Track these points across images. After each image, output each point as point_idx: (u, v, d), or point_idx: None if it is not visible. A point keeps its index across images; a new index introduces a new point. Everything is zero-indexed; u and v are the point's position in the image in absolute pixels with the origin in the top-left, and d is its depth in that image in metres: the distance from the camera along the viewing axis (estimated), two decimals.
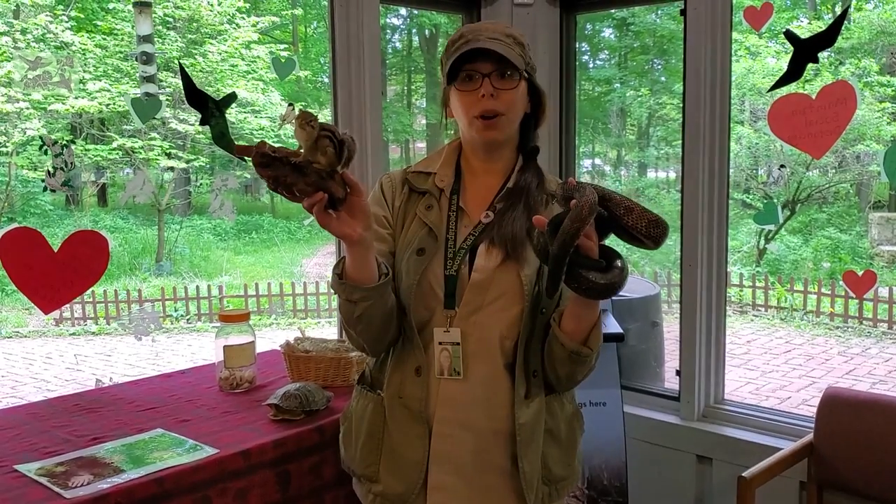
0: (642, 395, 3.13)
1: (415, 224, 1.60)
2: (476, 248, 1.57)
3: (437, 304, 1.55)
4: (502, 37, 1.55)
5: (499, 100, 1.53)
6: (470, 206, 1.62)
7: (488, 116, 1.54)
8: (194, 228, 13.57)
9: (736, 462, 2.66)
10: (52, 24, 10.23)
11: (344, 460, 1.72)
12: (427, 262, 1.55)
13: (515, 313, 1.55)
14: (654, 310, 4.07)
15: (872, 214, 11.55)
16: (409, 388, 1.57)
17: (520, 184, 1.61)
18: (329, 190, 1.33)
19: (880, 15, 10.81)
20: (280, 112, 11.42)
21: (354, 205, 1.37)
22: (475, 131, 1.57)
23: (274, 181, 1.31)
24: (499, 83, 1.53)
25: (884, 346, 7.92)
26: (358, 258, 1.43)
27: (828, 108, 2.51)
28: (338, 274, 1.49)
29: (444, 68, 1.57)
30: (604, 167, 15.09)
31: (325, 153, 1.32)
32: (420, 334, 1.56)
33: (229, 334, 2.20)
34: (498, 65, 1.53)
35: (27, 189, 11.92)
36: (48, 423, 1.93)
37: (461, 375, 1.54)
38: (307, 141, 1.32)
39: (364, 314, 1.48)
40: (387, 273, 1.49)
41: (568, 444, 1.67)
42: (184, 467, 1.63)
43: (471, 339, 1.54)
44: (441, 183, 1.63)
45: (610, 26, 13.99)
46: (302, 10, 15.68)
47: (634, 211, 1.38)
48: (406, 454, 1.57)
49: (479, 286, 1.54)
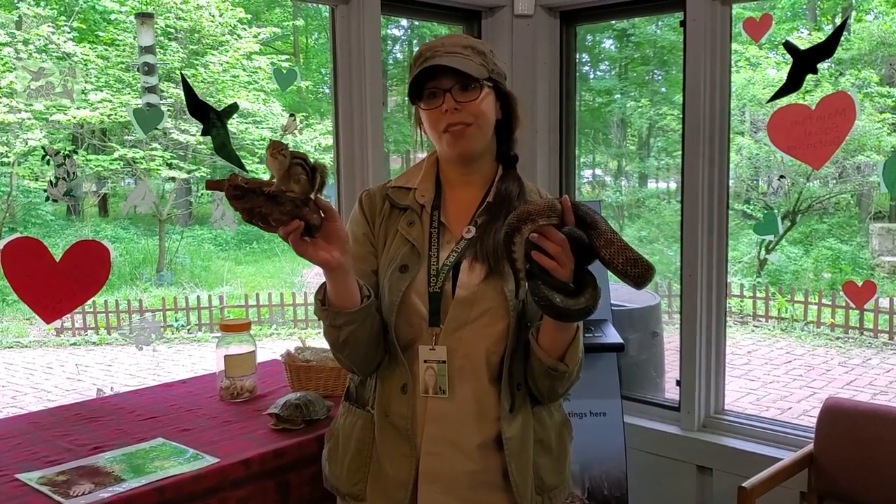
0: (643, 405, 3.13)
1: (397, 240, 1.59)
2: (459, 264, 1.56)
3: (422, 321, 1.54)
4: (460, 49, 1.54)
5: (464, 111, 1.52)
6: (451, 221, 1.61)
7: (454, 126, 1.53)
8: (195, 238, 13.56)
9: (736, 472, 2.66)
10: (54, 35, 10.26)
11: (328, 478, 1.70)
12: (410, 279, 1.55)
13: (501, 329, 1.54)
14: (655, 320, 4.08)
15: (873, 225, 11.54)
16: (395, 406, 1.56)
17: (500, 195, 1.60)
18: (304, 217, 1.33)
19: (880, 26, 10.84)
20: (281, 123, 11.44)
21: (330, 230, 1.38)
22: (445, 145, 1.56)
23: (248, 213, 1.31)
24: (461, 96, 1.52)
25: (884, 356, 7.90)
26: (338, 283, 1.44)
27: (827, 118, 2.52)
28: (320, 300, 1.49)
29: (408, 88, 1.57)
30: (604, 178, 15.08)
31: (298, 181, 1.33)
32: (405, 352, 1.55)
33: (230, 344, 2.20)
34: (458, 78, 1.51)
35: (28, 199, 11.93)
36: (49, 433, 1.93)
37: (446, 394, 1.53)
38: (280, 170, 1.32)
39: (349, 338, 1.49)
40: (369, 295, 1.50)
41: (559, 453, 1.66)
42: (184, 476, 1.63)
43: (456, 355, 1.53)
44: (422, 199, 1.62)
45: (610, 37, 14.01)
46: (303, 22, 15.71)
47: (614, 245, 1.34)
48: (393, 474, 1.56)
49: (464, 303, 1.53)
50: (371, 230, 1.63)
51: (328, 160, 1.25)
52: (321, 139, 11.44)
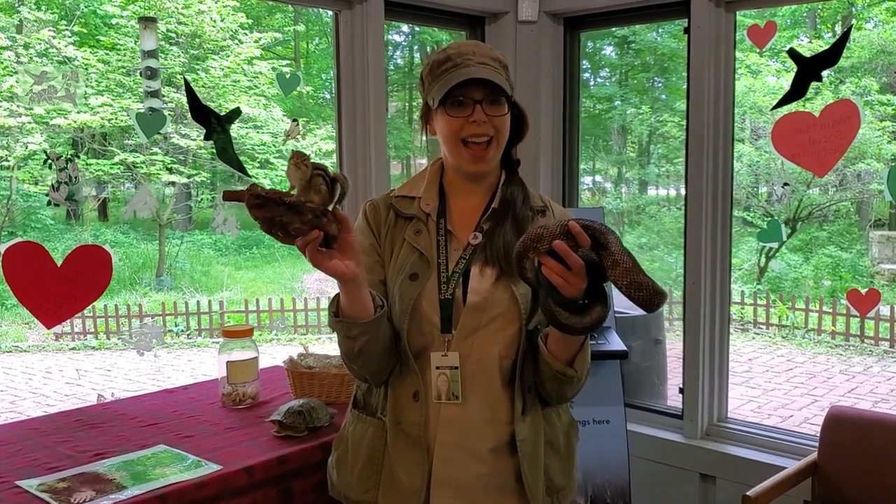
0: (645, 412, 3.13)
1: (405, 249, 1.60)
2: (468, 270, 1.57)
3: (433, 328, 1.55)
4: (490, 61, 1.54)
5: (488, 124, 1.53)
6: (457, 229, 1.62)
7: (477, 142, 1.53)
8: (195, 243, 13.55)
9: (740, 481, 2.65)
10: (55, 39, 10.27)
11: (335, 486, 1.69)
12: (421, 286, 1.55)
13: (513, 332, 1.55)
14: (657, 327, 4.07)
15: (873, 233, 11.55)
16: (407, 413, 1.57)
17: (505, 200, 1.62)
18: (323, 228, 1.33)
19: (880, 34, 10.85)
20: (283, 128, 11.45)
21: (346, 242, 1.38)
22: (464, 160, 1.57)
23: (268, 222, 1.31)
24: (490, 109, 1.53)
25: (885, 364, 7.89)
26: (352, 294, 1.44)
27: (831, 126, 2.52)
28: (333, 312, 1.49)
29: (431, 90, 1.56)
30: (605, 184, 15.09)
31: (318, 192, 1.33)
32: (417, 359, 1.56)
33: (232, 350, 2.19)
34: (489, 92, 1.52)
35: (28, 203, 11.92)
36: (50, 439, 1.92)
37: (459, 399, 1.53)
38: (301, 180, 1.33)
39: (364, 348, 1.49)
40: (382, 305, 1.50)
41: (567, 454, 1.67)
42: (186, 484, 1.62)
43: (469, 360, 1.54)
44: (427, 207, 1.62)
45: (611, 44, 14.04)
46: (304, 27, 15.71)
47: (619, 266, 1.33)
48: (405, 481, 1.56)
49: (476, 308, 1.54)
50: (377, 240, 1.63)
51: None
52: (322, 144, 11.44)
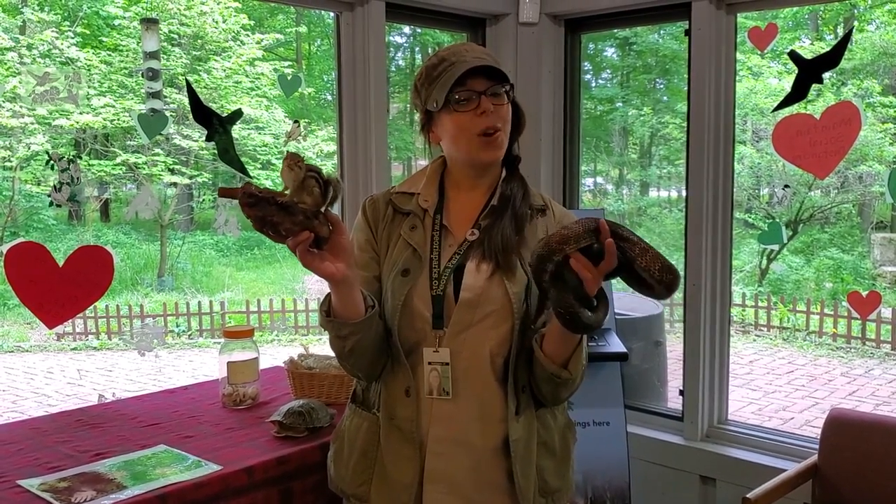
0: (646, 414, 3.13)
1: (399, 245, 1.60)
2: (462, 266, 1.57)
3: (425, 324, 1.56)
4: (484, 55, 1.56)
5: (496, 115, 1.54)
6: (454, 225, 1.62)
7: (490, 133, 1.53)
8: (196, 244, 13.56)
9: (740, 483, 2.65)
10: (57, 41, 10.28)
11: (333, 480, 1.71)
12: (412, 282, 1.56)
13: (505, 330, 1.55)
14: (658, 329, 4.07)
15: (875, 235, 11.54)
16: (399, 408, 1.58)
17: (505, 196, 1.62)
18: (314, 229, 1.34)
19: (882, 36, 10.85)
20: (285, 129, 11.45)
21: (337, 244, 1.39)
22: (480, 151, 1.56)
23: (260, 221, 1.31)
24: (493, 99, 1.54)
25: (887, 367, 7.89)
26: (343, 295, 1.45)
27: (832, 128, 2.52)
28: (325, 311, 1.50)
29: (431, 94, 1.56)
30: (606, 186, 15.10)
31: (311, 193, 1.34)
32: (408, 356, 1.57)
33: (233, 350, 2.19)
34: (490, 82, 1.53)
35: (30, 204, 11.93)
36: (51, 439, 1.92)
37: (450, 395, 1.54)
38: (295, 181, 1.34)
39: (355, 347, 1.50)
40: (373, 305, 1.51)
41: (562, 455, 1.67)
42: (187, 484, 1.63)
43: (461, 356, 1.55)
44: (425, 203, 1.63)
45: (612, 45, 14.04)
46: (306, 28, 15.71)
47: (649, 253, 1.37)
48: (397, 476, 1.57)
49: (469, 304, 1.55)
50: (374, 236, 1.64)
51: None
52: (323, 145, 11.44)
